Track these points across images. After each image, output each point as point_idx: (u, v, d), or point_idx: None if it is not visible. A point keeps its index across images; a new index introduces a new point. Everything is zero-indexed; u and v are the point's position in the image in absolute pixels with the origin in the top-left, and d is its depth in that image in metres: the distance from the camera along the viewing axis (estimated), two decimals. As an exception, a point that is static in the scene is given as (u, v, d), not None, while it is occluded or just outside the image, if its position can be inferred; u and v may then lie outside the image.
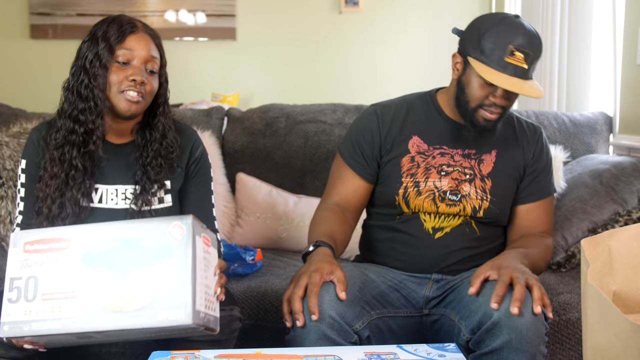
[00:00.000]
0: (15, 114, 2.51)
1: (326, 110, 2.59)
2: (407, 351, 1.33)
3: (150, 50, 1.63)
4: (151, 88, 1.63)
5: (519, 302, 1.40)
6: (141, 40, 1.63)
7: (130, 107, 1.61)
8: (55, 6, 4.09)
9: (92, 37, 1.63)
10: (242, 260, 2.05)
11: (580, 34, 3.00)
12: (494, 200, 1.71)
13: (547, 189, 1.78)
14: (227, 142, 2.55)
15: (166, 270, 1.26)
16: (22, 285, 1.30)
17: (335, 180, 1.79)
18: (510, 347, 1.40)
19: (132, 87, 1.60)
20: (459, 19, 4.33)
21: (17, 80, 4.11)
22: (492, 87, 1.63)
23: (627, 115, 2.56)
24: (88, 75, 1.60)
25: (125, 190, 1.67)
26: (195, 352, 1.33)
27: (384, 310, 1.62)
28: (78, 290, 1.28)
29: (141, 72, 1.61)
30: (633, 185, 2.17)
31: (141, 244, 1.28)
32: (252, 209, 2.41)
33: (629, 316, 1.14)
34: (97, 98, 1.59)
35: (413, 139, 1.75)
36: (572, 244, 2.12)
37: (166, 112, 1.70)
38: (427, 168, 1.72)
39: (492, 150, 1.75)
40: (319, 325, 1.44)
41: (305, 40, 4.28)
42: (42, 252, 1.31)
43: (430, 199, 1.70)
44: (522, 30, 1.61)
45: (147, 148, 1.67)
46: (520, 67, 1.59)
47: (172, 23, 4.21)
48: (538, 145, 1.79)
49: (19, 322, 1.28)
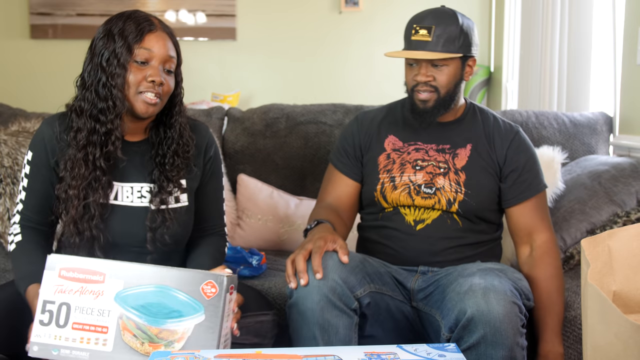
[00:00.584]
0: (15, 114, 2.51)
1: (326, 111, 2.59)
2: (407, 351, 1.33)
3: (168, 49, 1.61)
4: (169, 88, 1.62)
5: None
6: (160, 39, 1.60)
7: (148, 109, 1.59)
8: (55, 6, 4.09)
9: (108, 34, 1.59)
10: (248, 264, 2.06)
11: (580, 34, 3.00)
12: (468, 192, 1.76)
13: (534, 186, 1.80)
14: (227, 142, 2.55)
15: (195, 326, 1.32)
16: (55, 310, 1.35)
17: (326, 185, 1.90)
18: (487, 342, 1.45)
19: (151, 88, 1.58)
20: (459, 19, 4.34)
21: (17, 80, 4.11)
22: (412, 66, 1.78)
23: (627, 116, 2.56)
24: (106, 74, 1.57)
25: (141, 188, 1.66)
26: (195, 352, 1.33)
27: (382, 287, 1.67)
28: (109, 326, 1.33)
29: (159, 72, 1.59)
30: (632, 186, 2.17)
31: (174, 294, 1.33)
32: (254, 211, 2.41)
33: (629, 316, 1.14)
34: (116, 98, 1.57)
35: (389, 137, 1.86)
36: (570, 245, 2.12)
37: (182, 111, 1.69)
38: (402, 163, 1.81)
39: (467, 145, 1.81)
40: (322, 286, 1.49)
41: (305, 40, 4.28)
42: (77, 281, 1.35)
43: (406, 193, 1.77)
44: (427, 11, 1.78)
45: (162, 146, 1.67)
46: (423, 40, 1.74)
47: (172, 23, 4.21)
48: (513, 144, 1.81)
49: (48, 345, 1.34)
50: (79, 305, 1.34)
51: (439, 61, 1.74)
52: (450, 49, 1.73)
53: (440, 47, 1.73)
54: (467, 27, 1.76)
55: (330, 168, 1.92)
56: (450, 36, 1.73)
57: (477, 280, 1.53)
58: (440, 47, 1.73)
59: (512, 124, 1.87)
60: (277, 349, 1.39)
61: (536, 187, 1.80)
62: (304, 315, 1.50)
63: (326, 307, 1.48)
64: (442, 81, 1.76)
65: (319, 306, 1.48)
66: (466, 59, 1.78)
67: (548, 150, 2.33)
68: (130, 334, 1.32)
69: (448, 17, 1.75)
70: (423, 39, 1.74)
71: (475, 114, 1.87)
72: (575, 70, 3.03)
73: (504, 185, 1.80)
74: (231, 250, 2.06)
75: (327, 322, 1.49)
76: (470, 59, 1.80)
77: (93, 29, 4.08)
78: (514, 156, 1.80)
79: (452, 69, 1.76)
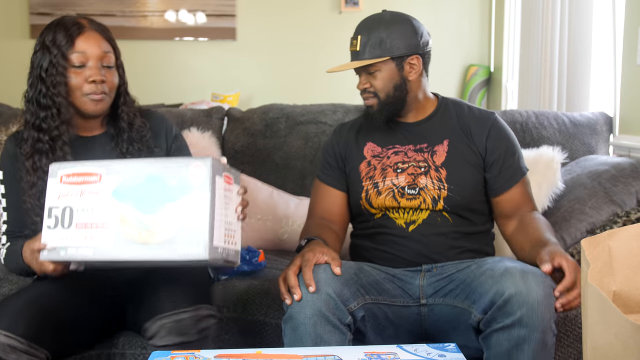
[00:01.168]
0: (15, 114, 2.51)
1: (326, 111, 2.59)
2: (407, 351, 1.33)
3: (101, 46, 1.66)
4: (112, 83, 1.68)
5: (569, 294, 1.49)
6: (90, 39, 1.65)
7: (97, 106, 1.66)
8: (55, 6, 4.10)
9: (42, 46, 1.66)
10: (245, 260, 2.08)
11: (580, 34, 3.00)
12: (451, 188, 1.75)
13: (518, 170, 1.81)
14: (227, 142, 2.55)
15: (187, 208, 1.36)
16: (59, 214, 1.43)
17: (314, 200, 1.92)
18: (522, 324, 1.43)
19: (93, 88, 1.64)
20: (459, 19, 4.33)
21: (17, 80, 4.10)
22: (358, 77, 1.81)
23: (627, 116, 2.56)
24: (46, 84, 1.63)
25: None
26: (195, 352, 1.33)
27: (379, 297, 1.65)
28: (107, 222, 1.39)
29: (98, 71, 1.64)
30: (631, 186, 2.17)
31: (165, 181, 1.38)
32: (254, 211, 2.41)
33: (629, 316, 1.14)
34: (60, 105, 1.64)
35: (367, 145, 1.86)
36: (570, 245, 2.12)
37: (127, 101, 1.75)
38: (384, 168, 1.81)
39: (444, 140, 1.81)
40: (315, 301, 1.48)
41: (305, 40, 4.28)
42: (77, 184, 1.43)
43: (391, 196, 1.77)
44: (360, 22, 1.81)
45: (120, 137, 1.73)
46: (354, 51, 1.79)
47: (172, 23, 4.21)
48: (491, 133, 1.81)
49: (56, 247, 1.42)
50: (80, 206, 1.41)
51: (369, 68, 1.76)
52: (375, 54, 1.75)
53: (367, 54, 1.75)
54: (395, 27, 1.75)
55: (317, 183, 1.93)
56: (375, 42, 1.75)
57: (510, 264, 1.53)
58: (367, 54, 1.75)
59: (488, 111, 1.87)
60: (277, 349, 1.39)
61: (520, 172, 1.81)
62: (297, 331, 1.48)
63: (319, 322, 1.47)
64: (378, 86, 1.77)
65: (312, 321, 1.47)
66: (402, 58, 1.76)
67: (548, 150, 2.33)
68: (129, 226, 1.37)
69: (372, 23, 1.77)
70: (354, 49, 1.79)
71: (447, 108, 1.86)
72: (575, 70, 3.04)
73: (489, 174, 1.79)
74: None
75: (320, 337, 1.47)
76: (409, 58, 1.77)
77: (93, 29, 4.09)
78: (494, 145, 1.80)
79: (385, 73, 1.76)
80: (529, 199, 1.82)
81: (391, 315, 1.67)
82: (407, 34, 1.76)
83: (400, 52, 1.75)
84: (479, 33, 4.35)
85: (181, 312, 1.53)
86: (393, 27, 1.76)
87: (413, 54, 1.77)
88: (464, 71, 4.34)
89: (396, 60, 1.76)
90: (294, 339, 1.49)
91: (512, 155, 1.80)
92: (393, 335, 1.67)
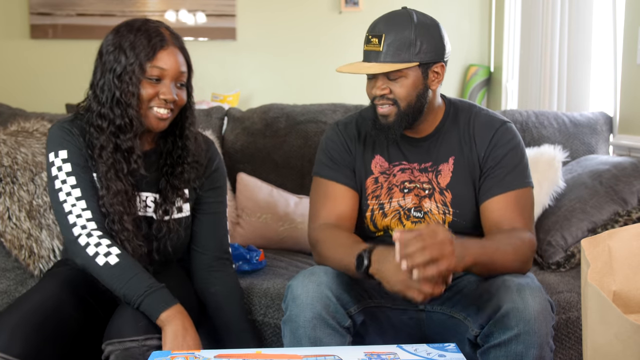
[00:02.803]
0: (15, 114, 2.50)
1: (326, 111, 2.59)
2: (407, 351, 1.33)
3: (180, 65, 1.60)
4: (181, 102, 1.63)
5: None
6: (172, 55, 1.59)
7: (159, 124, 1.60)
8: (55, 6, 4.09)
9: (119, 48, 1.57)
10: (246, 260, 2.08)
11: (580, 34, 3.00)
12: (456, 212, 1.65)
13: (509, 182, 1.62)
14: (227, 142, 2.55)
15: None
16: None
17: (321, 202, 1.70)
18: (519, 340, 1.40)
19: (163, 104, 1.58)
20: (459, 19, 4.33)
21: (17, 80, 4.11)
22: (369, 80, 1.63)
23: (627, 115, 2.56)
24: (119, 90, 1.56)
25: (146, 198, 1.66)
26: (195, 352, 1.33)
27: (381, 300, 1.63)
28: None
29: (171, 89, 1.58)
30: (633, 185, 2.17)
31: None
32: (253, 209, 2.41)
33: (629, 316, 1.14)
34: (133, 117, 1.56)
35: (376, 158, 1.71)
36: (571, 244, 2.12)
37: (193, 122, 1.69)
38: (390, 187, 1.68)
39: (450, 158, 1.67)
40: (314, 303, 1.45)
41: (305, 40, 4.28)
42: None
43: (397, 219, 1.68)
44: (381, 17, 1.61)
45: (171, 155, 1.67)
46: (374, 51, 1.59)
47: (172, 23, 4.21)
48: (492, 142, 1.65)
49: None
50: None
51: (392, 72, 1.58)
52: (403, 58, 1.57)
53: (391, 57, 1.57)
54: (425, 30, 1.58)
55: (321, 182, 1.72)
56: (403, 43, 1.56)
57: (508, 277, 1.48)
58: (391, 57, 1.57)
59: (497, 118, 1.69)
60: (277, 349, 1.39)
61: (511, 184, 1.62)
62: (295, 333, 1.47)
63: (318, 324, 1.45)
64: (400, 94, 1.59)
65: (311, 324, 1.45)
66: (428, 65, 1.60)
67: (549, 148, 2.33)
68: None
69: (401, 22, 1.58)
70: (374, 48, 1.59)
71: (455, 116, 1.70)
72: (575, 70, 3.03)
73: (478, 182, 1.66)
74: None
75: (319, 340, 1.46)
76: (434, 65, 1.61)
77: (93, 29, 4.11)
78: (491, 154, 1.65)
79: (410, 80, 1.59)
80: (516, 217, 1.60)
81: (393, 319, 1.65)
82: (436, 38, 1.59)
83: (429, 58, 1.58)
84: (479, 33, 4.34)
85: (129, 341, 1.47)
86: (423, 28, 1.58)
87: (440, 61, 1.61)
88: (464, 71, 4.34)
89: (423, 67, 1.59)
90: (293, 340, 1.48)
91: (505, 165, 1.63)
92: (394, 340, 1.66)
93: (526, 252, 1.55)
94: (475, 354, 1.51)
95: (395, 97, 1.60)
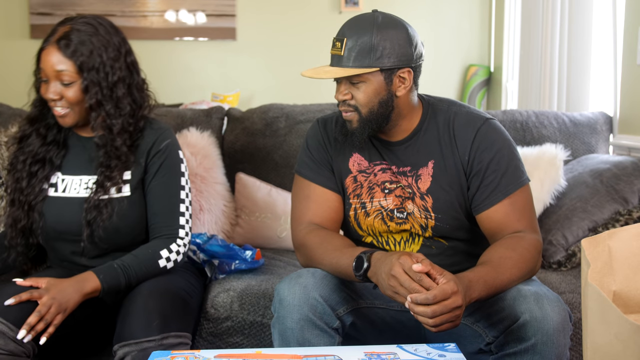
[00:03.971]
0: (15, 114, 2.51)
1: (326, 111, 2.59)
2: (407, 351, 1.33)
3: (54, 65, 1.62)
4: (72, 99, 1.65)
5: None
6: (47, 55, 1.63)
7: (61, 120, 1.68)
8: (55, 6, 4.09)
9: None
10: (242, 259, 2.07)
11: (580, 34, 3.00)
12: (439, 217, 1.59)
13: (504, 188, 1.55)
14: (227, 142, 2.55)
15: None
16: None
17: (304, 203, 1.66)
18: (535, 350, 1.38)
19: (52, 103, 1.66)
20: (459, 19, 4.33)
21: (17, 80, 4.10)
22: (337, 84, 1.57)
23: (627, 115, 2.56)
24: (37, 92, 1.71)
25: (88, 181, 1.73)
26: (195, 352, 1.33)
27: (375, 301, 1.61)
28: None
29: (53, 89, 1.63)
30: (634, 184, 2.17)
31: None
32: (252, 209, 2.41)
33: (629, 316, 1.14)
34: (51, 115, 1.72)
35: (354, 156, 1.66)
36: (572, 243, 2.12)
37: (100, 114, 1.68)
38: (371, 187, 1.63)
39: (429, 162, 1.60)
40: (302, 305, 1.45)
41: (305, 40, 4.28)
42: None
43: (380, 219, 1.64)
44: (348, 21, 1.56)
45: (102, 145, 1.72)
46: (336, 55, 1.54)
47: (172, 23, 4.21)
48: (475, 143, 1.57)
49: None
50: None
51: (353, 77, 1.52)
52: (363, 63, 1.50)
53: (352, 61, 1.51)
54: (389, 35, 1.51)
55: (302, 182, 1.68)
56: (363, 48, 1.50)
57: (523, 286, 1.44)
58: (352, 61, 1.51)
59: (478, 115, 1.61)
60: (277, 349, 1.39)
61: (506, 189, 1.55)
62: (284, 335, 1.46)
63: (306, 326, 1.44)
64: (361, 100, 1.53)
65: (298, 325, 1.44)
66: (392, 71, 1.53)
67: (550, 147, 2.33)
68: None
69: (363, 26, 1.52)
70: (336, 52, 1.53)
71: (434, 119, 1.62)
72: (575, 70, 3.04)
73: (470, 190, 1.58)
74: (224, 247, 2.07)
75: (308, 341, 1.45)
76: (400, 71, 1.53)
77: (93, 29, 4.08)
78: (476, 157, 1.57)
79: (372, 86, 1.52)
80: (518, 220, 1.55)
81: (389, 320, 1.63)
82: (401, 43, 1.52)
83: (392, 63, 1.51)
84: (479, 33, 4.34)
85: (145, 342, 1.49)
86: (386, 32, 1.51)
87: (405, 66, 1.53)
88: (464, 71, 4.34)
89: (385, 73, 1.52)
90: (282, 342, 1.47)
91: (496, 169, 1.55)
92: (392, 340, 1.64)
93: (533, 256, 1.51)
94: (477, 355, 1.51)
95: (356, 103, 1.54)
